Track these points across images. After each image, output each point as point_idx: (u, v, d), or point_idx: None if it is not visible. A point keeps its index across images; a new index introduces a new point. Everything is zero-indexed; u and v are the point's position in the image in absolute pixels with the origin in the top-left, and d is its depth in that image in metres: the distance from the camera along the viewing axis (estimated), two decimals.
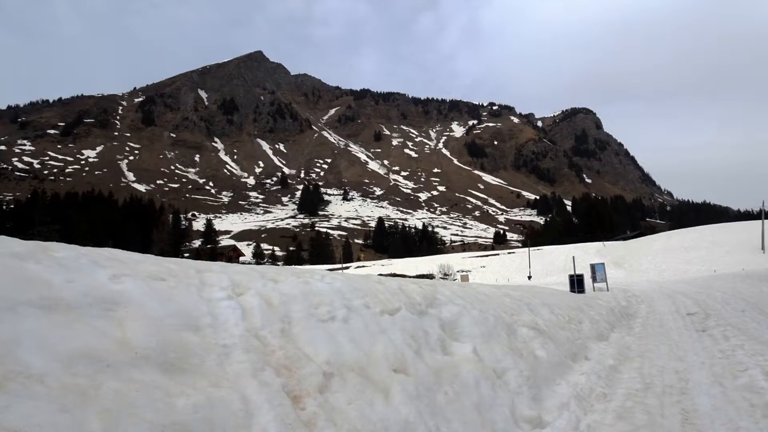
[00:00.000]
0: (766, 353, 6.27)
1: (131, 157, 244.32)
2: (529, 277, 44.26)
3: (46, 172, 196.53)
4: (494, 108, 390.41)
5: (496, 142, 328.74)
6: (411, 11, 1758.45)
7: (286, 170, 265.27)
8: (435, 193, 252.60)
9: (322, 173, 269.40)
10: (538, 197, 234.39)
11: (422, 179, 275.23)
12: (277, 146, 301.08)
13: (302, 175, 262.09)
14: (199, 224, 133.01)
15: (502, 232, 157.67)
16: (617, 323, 10.68)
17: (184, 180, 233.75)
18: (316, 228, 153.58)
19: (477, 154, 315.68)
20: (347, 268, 68.06)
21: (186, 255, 75.97)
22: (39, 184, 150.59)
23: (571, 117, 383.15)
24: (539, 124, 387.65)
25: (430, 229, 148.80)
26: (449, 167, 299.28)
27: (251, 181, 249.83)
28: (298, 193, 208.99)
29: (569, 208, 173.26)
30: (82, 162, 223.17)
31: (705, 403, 4.53)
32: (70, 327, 2.20)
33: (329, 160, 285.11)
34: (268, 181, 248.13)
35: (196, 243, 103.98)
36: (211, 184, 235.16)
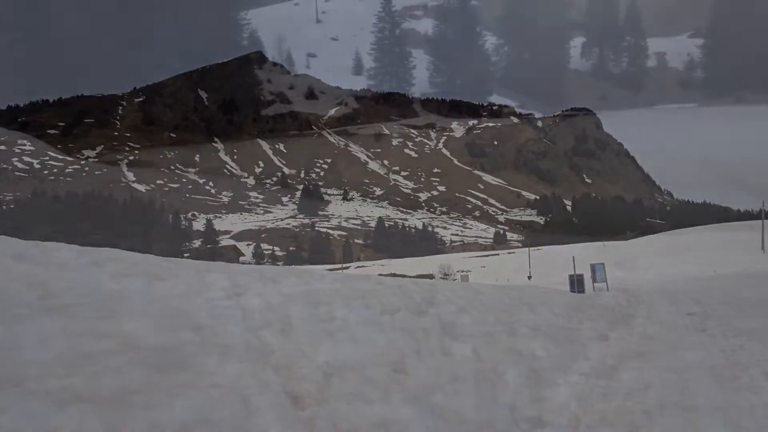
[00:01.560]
0: (766, 353, 6.27)
1: (131, 157, 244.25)
2: (529, 277, 44.22)
3: (46, 172, 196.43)
4: (494, 108, 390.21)
5: (496, 142, 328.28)
6: (410, 11, 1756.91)
7: (286, 170, 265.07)
8: (435, 193, 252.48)
9: (322, 173, 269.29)
10: (538, 197, 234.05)
11: (422, 179, 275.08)
12: (277, 146, 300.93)
13: (302, 175, 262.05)
14: (199, 224, 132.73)
15: (502, 232, 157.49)
16: (617, 323, 10.68)
17: (184, 180, 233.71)
18: (316, 228, 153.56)
19: (477, 154, 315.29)
20: (347, 268, 68.02)
21: (186, 255, 75.91)
22: (39, 184, 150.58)
23: (571, 117, 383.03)
24: (539, 124, 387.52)
25: (430, 229, 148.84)
26: (449, 167, 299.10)
27: (251, 181, 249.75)
28: (298, 193, 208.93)
29: (569, 208, 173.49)
30: (82, 162, 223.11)
31: (705, 404, 4.53)
32: (70, 327, 2.20)
33: (329, 160, 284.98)
34: (268, 181, 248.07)
35: (196, 243, 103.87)
36: (211, 184, 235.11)
